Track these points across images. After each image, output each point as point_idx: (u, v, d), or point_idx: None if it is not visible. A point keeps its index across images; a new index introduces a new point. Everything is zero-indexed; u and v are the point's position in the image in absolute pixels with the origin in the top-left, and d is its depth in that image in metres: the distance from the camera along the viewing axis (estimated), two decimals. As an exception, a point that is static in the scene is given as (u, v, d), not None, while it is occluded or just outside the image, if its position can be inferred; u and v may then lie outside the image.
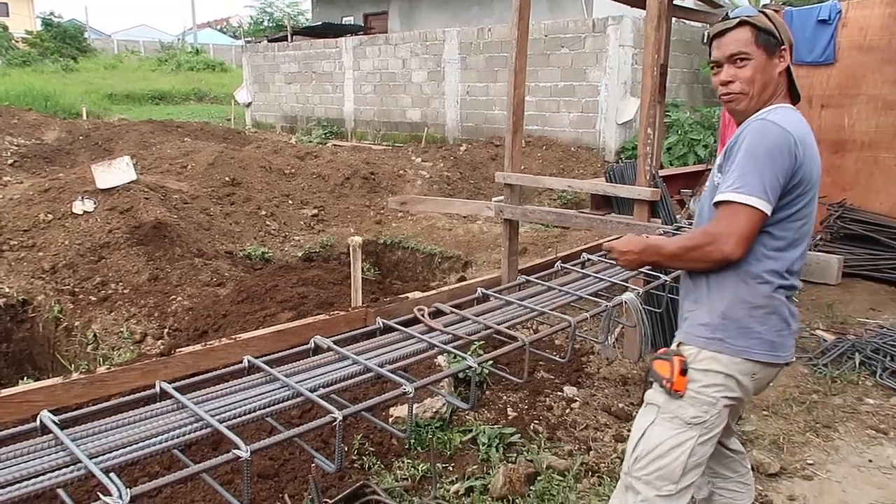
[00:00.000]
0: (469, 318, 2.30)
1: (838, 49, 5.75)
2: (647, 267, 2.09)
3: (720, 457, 2.08)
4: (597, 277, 2.75)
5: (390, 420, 3.07)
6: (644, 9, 3.79)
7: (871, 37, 5.59)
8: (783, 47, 1.79)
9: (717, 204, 1.70)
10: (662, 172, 4.11)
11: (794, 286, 1.79)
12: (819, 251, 5.50)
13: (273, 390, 1.78)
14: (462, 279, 5.29)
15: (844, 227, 5.59)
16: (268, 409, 1.69)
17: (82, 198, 5.85)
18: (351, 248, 3.50)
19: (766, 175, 1.64)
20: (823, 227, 5.66)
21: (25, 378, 3.74)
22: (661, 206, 3.77)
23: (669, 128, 9.65)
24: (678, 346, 1.85)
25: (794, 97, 1.85)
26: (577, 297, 2.54)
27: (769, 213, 1.67)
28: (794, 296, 1.83)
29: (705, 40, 1.90)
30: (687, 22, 9.21)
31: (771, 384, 2.02)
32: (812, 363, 3.98)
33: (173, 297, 4.79)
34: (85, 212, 5.77)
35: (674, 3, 5.19)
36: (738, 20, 1.79)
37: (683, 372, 1.78)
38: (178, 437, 1.55)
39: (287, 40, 16.75)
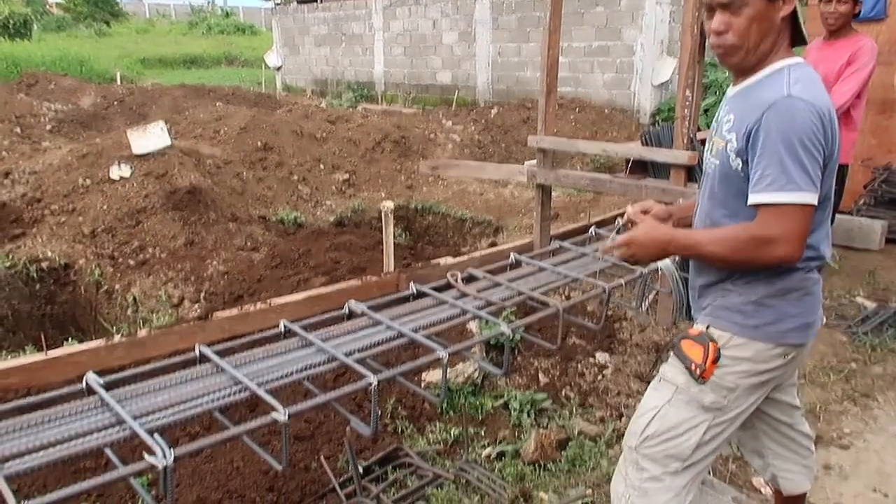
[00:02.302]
0: (502, 284, 2.30)
1: (889, 4, 5.50)
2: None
3: (779, 437, 1.98)
4: (632, 243, 2.72)
5: (423, 385, 3.10)
6: (684, -36, 3.65)
7: (927, -10, 5.33)
8: None
9: (760, 205, 1.55)
10: (700, 135, 4.00)
11: (824, 261, 1.71)
12: (862, 216, 5.34)
13: (308, 354, 1.81)
14: (493, 244, 5.27)
15: (889, 191, 5.41)
16: (304, 374, 1.72)
17: (119, 163, 5.93)
18: (382, 214, 3.50)
19: (807, 164, 1.50)
20: (868, 191, 5.49)
21: (70, 339, 3.85)
22: (698, 170, 3.68)
23: (707, 89, 9.38)
24: (707, 328, 1.74)
25: (798, 40, 1.65)
26: (611, 262, 2.52)
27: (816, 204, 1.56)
28: None
29: None
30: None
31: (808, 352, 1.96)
32: (852, 331, 3.90)
33: (209, 261, 4.87)
34: (122, 177, 5.86)
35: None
36: None
37: (716, 360, 1.70)
38: (218, 400, 1.59)
39: (317, 1, 16.58)
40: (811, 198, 1.52)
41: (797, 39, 1.66)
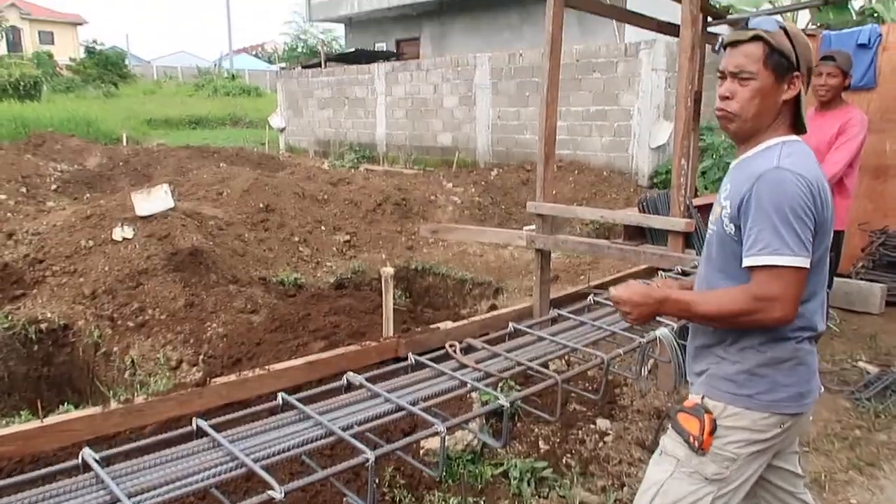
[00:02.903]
0: (500, 355, 2.30)
1: (879, 73, 5.65)
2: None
3: None
4: (630, 311, 2.73)
5: (421, 451, 3.06)
6: (677, 37, 3.78)
7: (912, 61, 5.49)
8: (796, 73, 1.67)
9: (754, 267, 1.61)
10: (697, 201, 4.07)
11: (821, 333, 1.74)
12: (861, 279, 5.36)
13: (306, 428, 1.80)
14: (493, 307, 5.27)
15: (887, 254, 5.45)
16: (301, 449, 1.70)
17: (122, 224, 5.99)
18: (383, 279, 3.52)
19: (798, 230, 1.57)
20: (866, 255, 5.53)
21: (66, 404, 3.82)
22: (695, 237, 3.72)
23: (704, 151, 9.55)
24: (702, 399, 1.77)
25: (798, 129, 1.73)
26: (610, 332, 2.52)
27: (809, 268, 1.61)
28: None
29: (717, 48, 1.78)
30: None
31: (810, 419, 1.96)
32: (855, 397, 3.86)
33: (208, 323, 4.86)
34: (124, 238, 5.91)
35: (707, 30, 5.17)
36: (752, 34, 1.66)
37: (712, 431, 1.71)
38: (214, 477, 1.57)
39: (321, 66, 17.07)
40: (804, 262, 1.57)
41: (799, 126, 1.73)
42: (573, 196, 9.22)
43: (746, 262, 1.62)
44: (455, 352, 2.27)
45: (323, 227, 7.59)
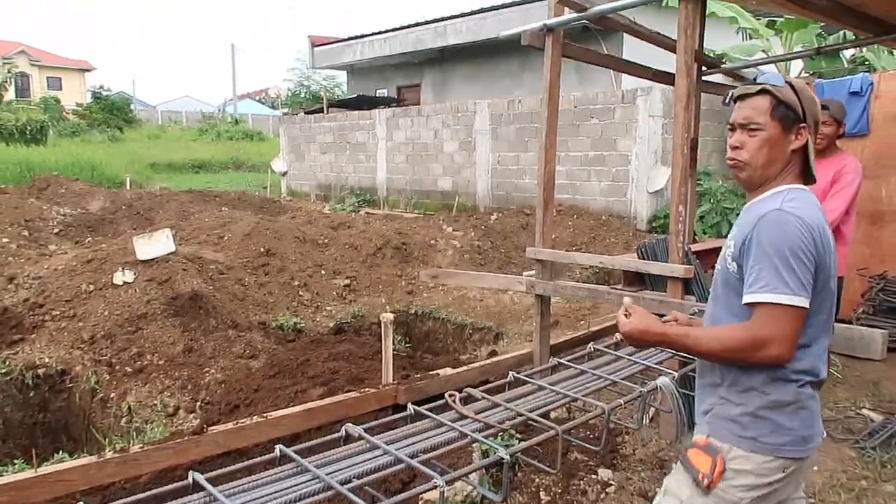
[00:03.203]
0: (500, 405, 2.28)
1: (872, 120, 5.74)
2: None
3: None
4: (630, 360, 2.71)
5: (420, 503, 3.01)
6: (673, 85, 3.85)
7: (905, 109, 5.58)
8: (802, 125, 1.74)
9: (754, 304, 1.65)
10: (695, 247, 4.09)
11: (823, 380, 1.76)
12: (862, 325, 5.35)
13: (304, 482, 1.78)
14: (493, 353, 5.24)
15: (887, 300, 5.44)
16: (299, 504, 1.68)
17: (123, 269, 6.01)
18: (382, 325, 3.52)
19: (798, 271, 1.61)
20: (866, 300, 5.52)
21: (61, 452, 3.77)
22: (694, 282, 3.73)
23: (702, 196, 9.63)
24: (707, 438, 1.78)
25: (807, 178, 1.80)
26: (611, 381, 2.51)
27: (808, 307, 1.63)
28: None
29: (726, 101, 1.87)
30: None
31: (815, 468, 1.93)
32: (859, 446, 3.81)
33: (207, 369, 4.84)
34: (125, 282, 5.92)
35: (702, 79, 5.27)
36: (760, 87, 1.75)
37: (723, 471, 1.72)
38: (209, 534, 1.55)
39: (323, 112, 17.33)
40: (803, 301, 1.61)
41: (808, 176, 1.81)
42: (572, 240, 9.25)
43: (746, 299, 1.66)
44: (455, 401, 2.26)
45: (323, 272, 7.60)
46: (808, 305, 1.62)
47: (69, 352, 5.18)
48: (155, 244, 6.19)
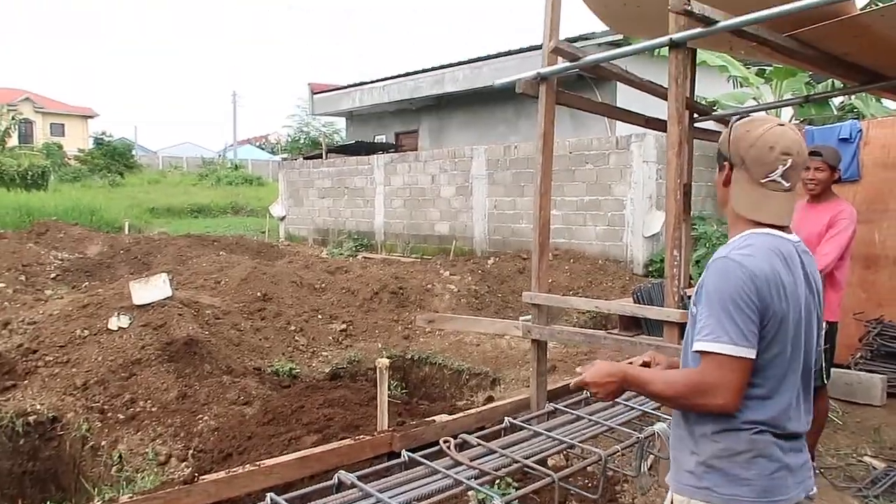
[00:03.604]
0: (496, 451, 2.26)
1: (862, 166, 5.82)
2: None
3: None
4: (627, 405, 2.70)
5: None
6: (665, 132, 3.91)
7: (894, 155, 5.66)
8: (724, 161, 1.75)
9: (700, 352, 1.63)
10: (691, 291, 4.09)
11: (795, 433, 1.69)
12: (860, 370, 5.32)
13: (295, 532, 1.74)
14: (490, 399, 5.19)
15: (885, 344, 5.42)
16: (288, 555, 1.65)
17: (118, 314, 5.98)
18: (378, 371, 3.49)
19: (738, 320, 1.58)
20: (864, 345, 5.50)
21: (48, 503, 3.70)
22: (690, 327, 3.72)
23: (697, 240, 9.68)
24: (672, 494, 1.75)
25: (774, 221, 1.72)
26: (608, 427, 2.49)
27: (754, 357, 1.60)
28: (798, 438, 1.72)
29: None
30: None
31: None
32: (862, 494, 3.75)
33: (200, 415, 4.77)
34: (120, 328, 5.88)
35: (695, 125, 5.36)
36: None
37: None
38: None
39: (322, 157, 17.52)
40: (744, 351, 1.58)
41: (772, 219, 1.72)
42: (569, 284, 9.25)
43: (693, 346, 1.66)
44: (450, 448, 2.24)
45: (320, 316, 7.57)
46: (750, 356, 1.59)
47: (61, 398, 5.12)
48: (151, 289, 6.18)
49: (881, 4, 5.15)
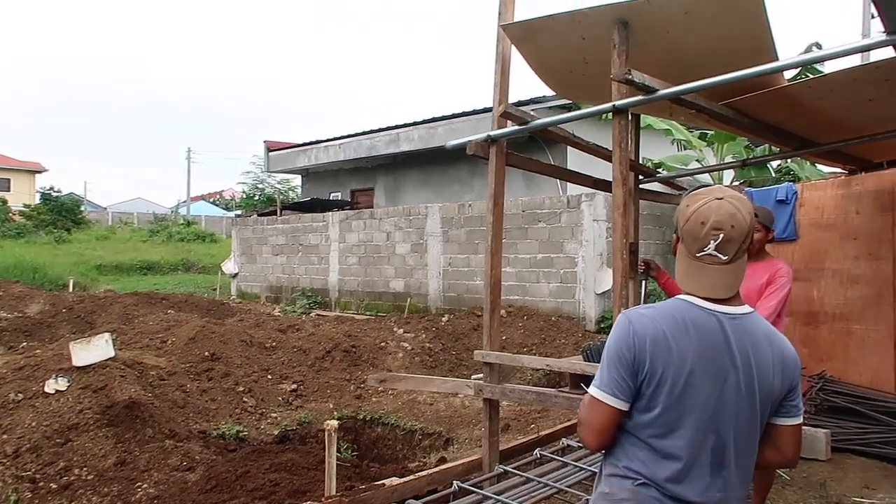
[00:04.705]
0: (444, 517, 2.21)
1: (799, 226, 6.07)
2: None
3: None
4: (576, 466, 2.68)
5: None
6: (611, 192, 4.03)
7: (828, 215, 5.93)
8: (675, 233, 1.80)
9: None
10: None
11: (679, 498, 1.65)
12: (805, 425, 5.41)
13: None
14: (442, 460, 5.10)
15: (827, 399, 5.56)
16: None
17: (56, 376, 5.73)
18: (326, 434, 3.41)
19: (612, 370, 1.66)
20: (807, 400, 5.62)
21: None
22: (639, 385, 3.75)
23: (648, 297, 9.85)
24: None
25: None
26: (557, 489, 2.47)
27: (624, 409, 1.66)
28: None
29: None
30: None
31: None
32: (811, 551, 3.77)
33: (139, 483, 4.56)
34: (57, 391, 5.63)
35: (640, 186, 5.53)
36: None
37: None
38: None
39: (276, 214, 17.43)
40: (608, 398, 1.66)
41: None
42: (523, 341, 9.28)
43: None
44: (395, 515, 2.18)
45: (269, 376, 7.40)
46: (614, 404, 1.65)
47: (-11, 468, 4.82)
48: (93, 349, 5.96)
49: (810, 76, 5.50)
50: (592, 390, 1.69)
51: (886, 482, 4.80)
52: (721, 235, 1.66)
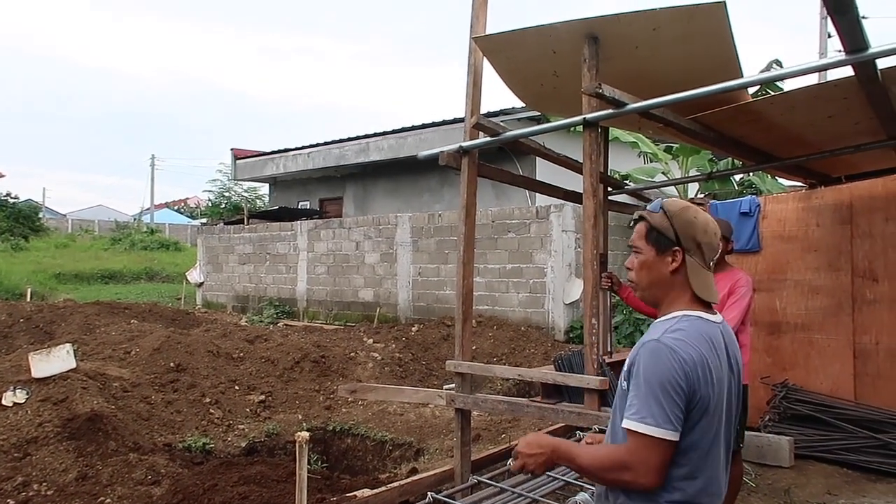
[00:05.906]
0: (419, 528, 2.20)
1: (762, 238, 6.21)
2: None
3: None
4: (550, 476, 2.70)
5: None
6: (581, 204, 4.08)
7: (790, 228, 6.08)
8: (676, 248, 1.77)
9: (626, 429, 1.66)
10: (611, 359, 4.19)
11: None
12: (770, 432, 5.53)
13: None
14: (414, 470, 5.08)
15: (790, 407, 5.68)
16: None
17: (14, 388, 5.57)
18: (297, 445, 3.37)
19: (664, 403, 1.63)
20: (771, 408, 5.75)
21: None
22: (610, 394, 3.79)
23: (615, 307, 9.97)
24: None
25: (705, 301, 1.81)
26: (531, 499, 2.48)
27: (678, 439, 1.65)
28: None
29: (630, 225, 1.95)
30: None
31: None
32: (776, 557, 3.84)
33: (101, 498, 4.44)
34: (15, 403, 5.46)
35: (609, 198, 5.62)
36: (638, 214, 1.87)
37: None
38: None
39: (243, 223, 17.22)
40: (667, 434, 1.62)
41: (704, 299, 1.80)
42: (493, 351, 9.31)
43: (622, 424, 1.69)
44: (370, 527, 2.16)
45: (237, 387, 7.28)
46: (673, 438, 1.63)
47: (-58, 484, 4.65)
48: (53, 360, 5.80)
49: (771, 93, 5.65)
50: (647, 429, 1.61)
51: (847, 487, 4.93)
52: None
